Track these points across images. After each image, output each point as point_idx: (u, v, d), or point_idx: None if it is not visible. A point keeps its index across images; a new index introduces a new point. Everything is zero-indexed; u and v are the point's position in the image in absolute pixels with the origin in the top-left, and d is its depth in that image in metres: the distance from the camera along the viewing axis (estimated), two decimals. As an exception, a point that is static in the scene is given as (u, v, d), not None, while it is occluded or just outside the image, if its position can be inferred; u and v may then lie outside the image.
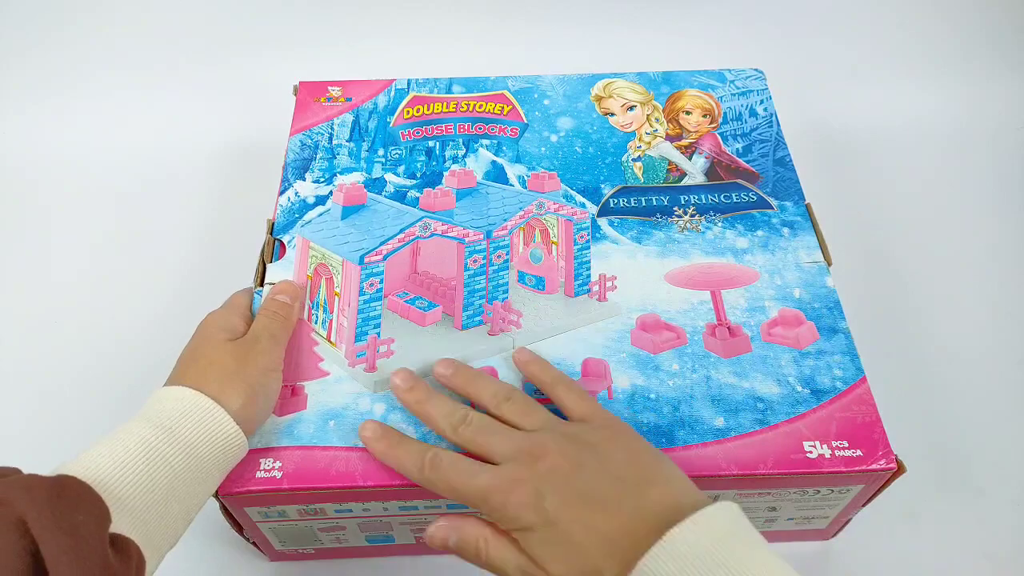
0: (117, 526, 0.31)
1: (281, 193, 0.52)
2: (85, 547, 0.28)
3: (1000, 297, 0.63)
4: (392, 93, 0.58)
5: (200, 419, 0.35)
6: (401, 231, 0.48)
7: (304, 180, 0.52)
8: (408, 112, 0.57)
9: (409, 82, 0.59)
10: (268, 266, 0.47)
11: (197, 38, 0.81)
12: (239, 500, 0.38)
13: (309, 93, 0.58)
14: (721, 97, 0.58)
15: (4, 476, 0.30)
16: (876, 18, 0.83)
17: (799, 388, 0.42)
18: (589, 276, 0.48)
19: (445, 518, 0.36)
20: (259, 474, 0.38)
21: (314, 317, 0.45)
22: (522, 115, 0.57)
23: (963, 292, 0.63)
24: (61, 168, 0.72)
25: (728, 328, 0.45)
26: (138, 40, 0.81)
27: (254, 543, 0.44)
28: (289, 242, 0.49)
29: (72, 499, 0.29)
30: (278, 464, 0.38)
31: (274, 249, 0.48)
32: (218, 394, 0.36)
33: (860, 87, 0.78)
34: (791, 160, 0.54)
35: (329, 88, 0.58)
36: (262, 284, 0.46)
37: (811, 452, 0.40)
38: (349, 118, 0.56)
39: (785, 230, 0.50)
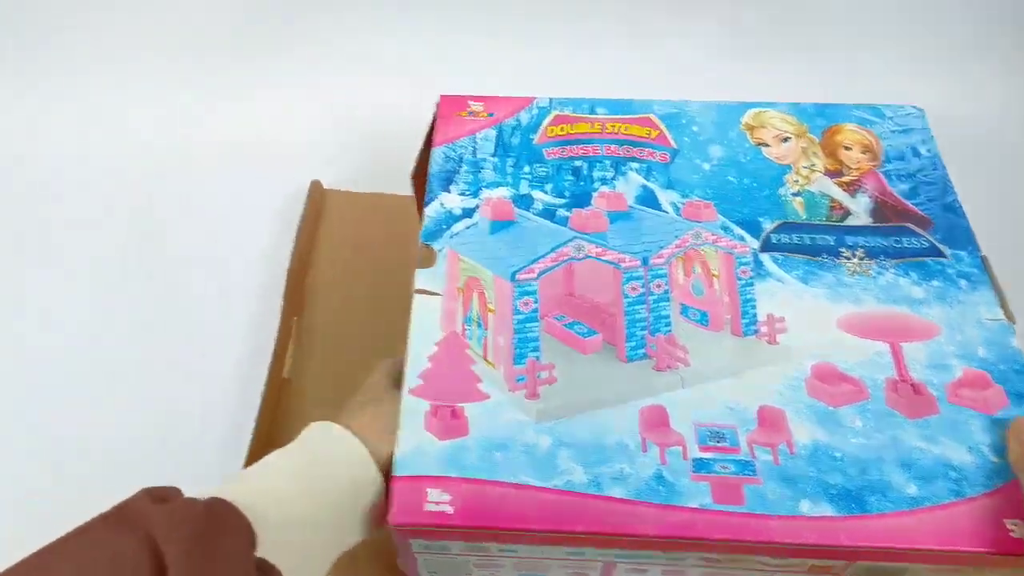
0: (264, 551, 0.32)
1: (427, 204, 0.50)
2: (227, 564, 0.30)
3: None
4: (534, 111, 0.56)
5: (352, 462, 0.37)
6: (553, 250, 0.46)
7: (449, 192, 0.51)
8: (552, 131, 0.55)
9: (551, 101, 0.57)
10: (418, 272, 0.45)
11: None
12: (407, 532, 0.36)
13: (451, 107, 0.56)
14: (880, 134, 0.55)
15: (165, 500, 0.32)
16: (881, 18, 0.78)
17: (994, 459, 0.38)
18: (756, 315, 0.44)
19: None
20: (428, 506, 0.35)
21: (468, 332, 0.43)
22: (671, 140, 0.54)
23: None
24: (67, 166, 0.72)
25: (912, 385, 0.41)
26: (160, 38, 0.80)
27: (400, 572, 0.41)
28: (439, 252, 0.47)
29: (219, 523, 0.31)
30: (446, 497, 0.36)
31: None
32: (376, 442, 0.38)
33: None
34: (960, 206, 0.50)
35: (470, 103, 0.56)
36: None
37: (1014, 531, 0.36)
38: (492, 133, 0.54)
39: (962, 282, 0.46)
